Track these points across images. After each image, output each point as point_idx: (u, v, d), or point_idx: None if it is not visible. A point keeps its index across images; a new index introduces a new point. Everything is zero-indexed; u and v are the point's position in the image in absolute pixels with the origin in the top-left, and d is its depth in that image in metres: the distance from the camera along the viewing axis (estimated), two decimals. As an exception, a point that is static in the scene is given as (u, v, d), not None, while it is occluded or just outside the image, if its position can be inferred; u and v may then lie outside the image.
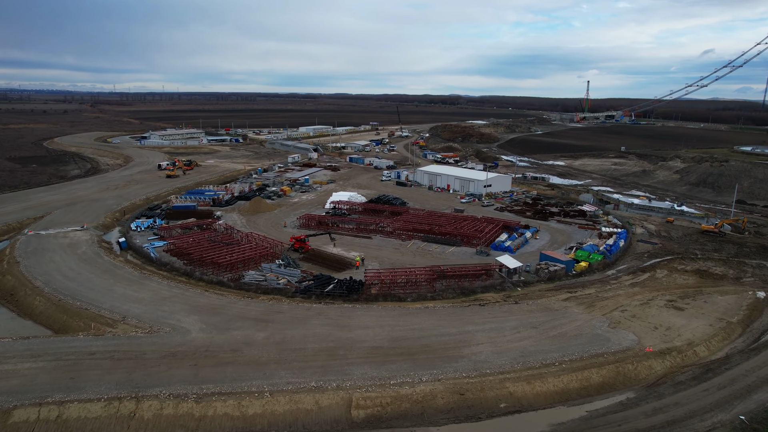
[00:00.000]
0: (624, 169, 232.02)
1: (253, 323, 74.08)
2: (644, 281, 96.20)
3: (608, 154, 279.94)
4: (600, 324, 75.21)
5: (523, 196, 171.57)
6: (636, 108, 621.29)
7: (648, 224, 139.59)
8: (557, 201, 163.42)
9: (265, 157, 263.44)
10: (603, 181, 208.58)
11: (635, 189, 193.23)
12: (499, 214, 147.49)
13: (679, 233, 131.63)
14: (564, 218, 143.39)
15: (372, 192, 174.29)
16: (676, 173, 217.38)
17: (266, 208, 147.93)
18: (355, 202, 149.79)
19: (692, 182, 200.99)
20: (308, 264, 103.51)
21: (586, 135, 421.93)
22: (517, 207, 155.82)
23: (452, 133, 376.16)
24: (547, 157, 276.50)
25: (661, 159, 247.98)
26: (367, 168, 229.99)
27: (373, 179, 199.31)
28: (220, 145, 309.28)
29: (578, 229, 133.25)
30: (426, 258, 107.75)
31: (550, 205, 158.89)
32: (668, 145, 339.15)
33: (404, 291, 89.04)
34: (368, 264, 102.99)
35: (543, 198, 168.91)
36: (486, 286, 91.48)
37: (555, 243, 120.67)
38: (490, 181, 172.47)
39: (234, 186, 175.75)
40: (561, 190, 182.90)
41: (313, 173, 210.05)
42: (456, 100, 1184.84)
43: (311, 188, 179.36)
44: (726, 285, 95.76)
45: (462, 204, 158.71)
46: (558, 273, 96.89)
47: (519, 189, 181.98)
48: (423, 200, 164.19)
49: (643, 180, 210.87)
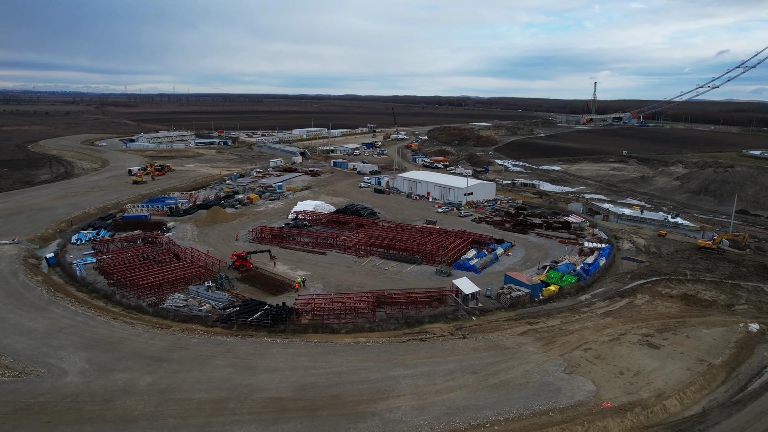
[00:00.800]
0: (622, 175, 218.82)
1: (146, 363, 63.38)
2: (620, 309, 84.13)
3: (608, 159, 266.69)
4: (554, 368, 63.48)
5: (507, 205, 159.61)
6: (644, 110, 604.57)
7: (638, 238, 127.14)
8: (542, 211, 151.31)
9: (249, 161, 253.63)
10: (597, 188, 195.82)
11: (630, 197, 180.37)
12: (475, 226, 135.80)
13: (671, 249, 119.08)
14: (545, 231, 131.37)
15: (345, 200, 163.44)
16: (677, 180, 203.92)
17: (224, 218, 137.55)
18: (320, 212, 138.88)
19: (693, 190, 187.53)
20: (245, 285, 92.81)
21: (590, 138, 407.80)
22: (497, 218, 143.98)
23: (449, 135, 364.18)
24: (543, 162, 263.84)
25: (663, 164, 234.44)
26: (350, 173, 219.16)
27: (352, 186, 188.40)
28: (206, 149, 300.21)
29: (558, 243, 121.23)
30: (379, 279, 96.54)
31: (534, 215, 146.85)
32: (674, 149, 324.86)
33: (339, 321, 77.92)
34: (311, 285, 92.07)
35: (528, 207, 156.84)
36: (435, 315, 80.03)
37: (529, 260, 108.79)
38: (471, 189, 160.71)
39: (198, 194, 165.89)
40: (549, 198, 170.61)
41: (290, 179, 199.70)
42: (463, 101, 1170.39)
43: (282, 196, 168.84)
44: (714, 314, 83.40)
45: (438, 214, 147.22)
46: (522, 299, 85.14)
47: (504, 197, 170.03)
48: (397, 209, 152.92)
49: (641, 187, 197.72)
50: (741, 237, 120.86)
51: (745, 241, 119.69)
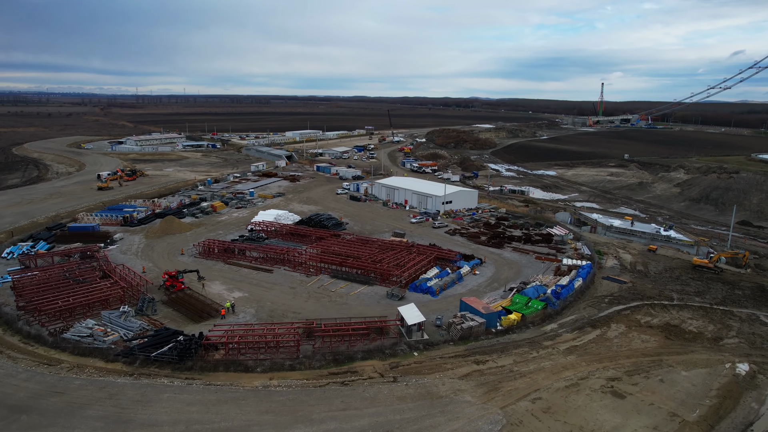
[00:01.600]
0: (619, 181, 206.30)
1: (2, 414, 53.31)
2: (588, 344, 72.78)
3: (608, 163, 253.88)
4: (489, 427, 52.50)
5: (489, 214, 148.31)
6: (653, 111, 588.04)
7: (625, 253, 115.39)
8: (525, 222, 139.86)
9: (232, 164, 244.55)
10: (591, 195, 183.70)
11: (625, 205, 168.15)
12: (447, 238, 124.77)
13: (660, 266, 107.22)
14: (523, 245, 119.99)
15: (317, 208, 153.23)
16: (677, 186, 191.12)
17: (178, 229, 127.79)
18: (280, 223, 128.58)
19: (693, 197, 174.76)
20: (169, 309, 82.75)
21: (594, 140, 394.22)
22: (474, 229, 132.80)
23: (446, 138, 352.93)
24: (539, 166, 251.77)
25: (665, 168, 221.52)
26: (332, 178, 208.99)
27: (329, 192, 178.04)
28: (192, 152, 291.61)
29: (535, 260, 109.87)
30: (321, 303, 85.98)
31: (515, 226, 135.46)
32: (680, 152, 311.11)
33: (256, 357, 67.50)
34: (242, 310, 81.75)
35: (511, 217, 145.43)
36: (370, 350, 69.28)
37: (497, 280, 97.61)
38: (450, 197, 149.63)
39: (161, 201, 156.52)
40: (536, 207, 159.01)
41: (266, 185, 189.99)
42: (471, 103, 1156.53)
43: (251, 203, 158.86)
44: (698, 350, 71.78)
45: (411, 224, 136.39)
46: (475, 330, 74.07)
47: (488, 205, 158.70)
48: (369, 219, 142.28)
49: (638, 194, 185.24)
50: (741, 255, 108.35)
51: (746, 260, 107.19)
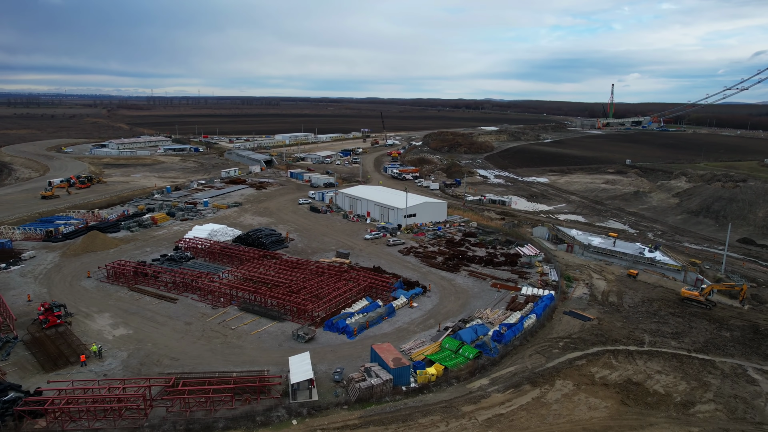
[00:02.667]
0: (614, 190, 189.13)
1: None
2: (517, 411, 57.45)
3: (607, 169, 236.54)
4: None
5: (457, 228, 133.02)
6: (666, 113, 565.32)
7: (599, 279, 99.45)
8: (494, 238, 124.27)
9: (206, 170, 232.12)
10: (580, 206, 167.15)
11: (615, 218, 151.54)
12: (399, 259, 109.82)
13: (637, 297, 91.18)
14: (483, 268, 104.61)
15: (268, 221, 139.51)
16: (675, 196, 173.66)
17: (102, 245, 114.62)
18: (211, 240, 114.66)
19: (692, 210, 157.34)
20: (27, 352, 69.07)
21: (599, 144, 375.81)
22: (432, 247, 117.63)
23: (442, 141, 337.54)
24: (533, 172, 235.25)
25: (667, 175, 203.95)
26: (304, 185, 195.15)
27: (290, 203, 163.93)
28: (172, 156, 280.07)
29: (490, 288, 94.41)
30: (213, 344, 71.74)
31: (480, 244, 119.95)
32: (689, 156, 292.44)
33: (90, 426, 53.40)
34: (112, 354, 67.83)
35: (480, 232, 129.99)
36: (237, 417, 54.80)
37: (435, 315, 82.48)
38: (414, 210, 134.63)
39: (102, 212, 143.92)
40: (513, 220, 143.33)
41: (228, 193, 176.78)
42: (481, 104, 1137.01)
43: (200, 215, 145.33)
44: (659, 423, 56.11)
45: (365, 240, 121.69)
46: (377, 390, 59.18)
47: (459, 218, 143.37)
48: (320, 234, 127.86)
49: (632, 205, 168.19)
50: (738, 288, 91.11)
51: (743, 294, 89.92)
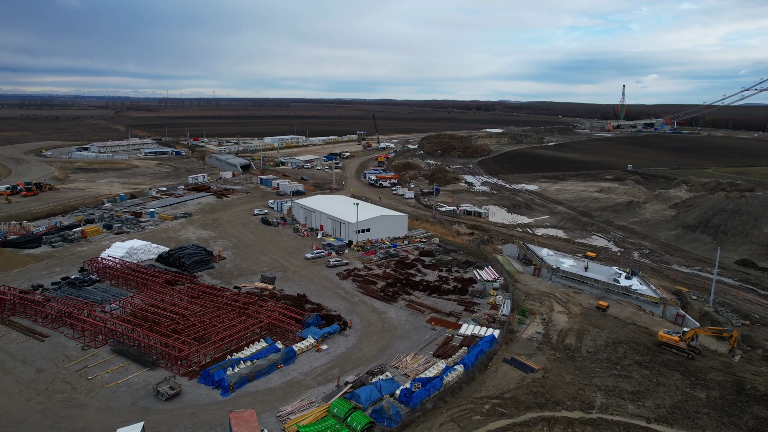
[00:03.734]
0: (607, 199, 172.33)
1: None
2: None
3: (605, 175, 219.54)
4: None
5: (415, 246, 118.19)
6: (680, 115, 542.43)
7: (561, 313, 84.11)
8: (453, 258, 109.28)
9: (178, 175, 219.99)
10: (564, 218, 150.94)
11: (601, 233, 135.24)
12: (335, 284, 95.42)
13: (600, 339, 75.69)
14: (427, 296, 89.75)
15: (210, 235, 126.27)
16: (672, 207, 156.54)
17: (7, 264, 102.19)
18: (125, 260, 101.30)
19: (689, 224, 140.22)
20: None
21: (604, 147, 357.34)
22: (378, 269, 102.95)
23: (435, 144, 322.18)
24: (524, 179, 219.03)
25: (668, 183, 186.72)
26: (270, 193, 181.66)
27: (246, 213, 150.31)
28: (151, 159, 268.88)
29: (425, 324, 79.53)
30: (53, 401, 58.31)
31: (434, 266, 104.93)
32: (699, 161, 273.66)
33: None
34: None
35: (440, 251, 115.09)
36: None
37: (343, 363, 67.89)
38: (368, 224, 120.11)
39: (31, 224, 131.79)
40: (483, 236, 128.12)
41: (184, 202, 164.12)
42: (493, 106, 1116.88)
43: (140, 227, 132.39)
44: None
45: (306, 260, 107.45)
46: (215, 482, 44.65)
47: (423, 232, 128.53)
48: (259, 252, 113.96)
49: (623, 217, 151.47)
50: (727, 335, 73.83)
51: (734, 341, 73.09)
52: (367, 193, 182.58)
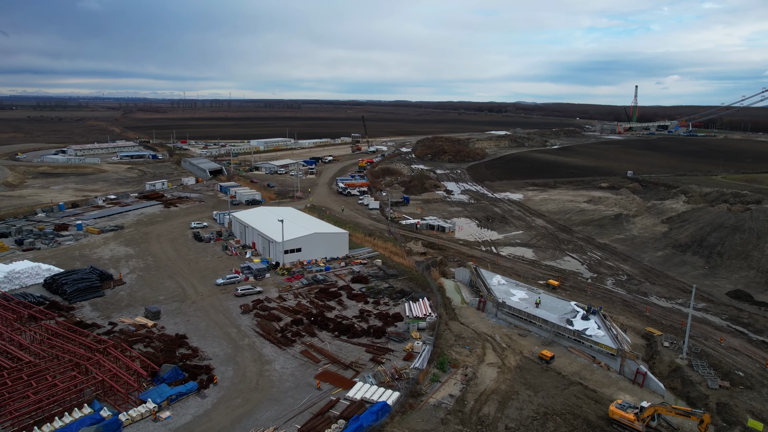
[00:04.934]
0: (594, 212, 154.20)
1: None
2: None
3: (600, 183, 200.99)
4: None
5: (351, 269, 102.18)
6: (696, 117, 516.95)
7: (491, 366, 67.50)
8: (388, 287, 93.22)
9: (138, 182, 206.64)
10: (539, 234, 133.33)
11: (576, 253, 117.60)
12: (232, 320, 79.84)
13: (530, 408, 58.91)
14: (333, 339, 73.68)
15: (127, 253, 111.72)
16: (665, 222, 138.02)
17: None
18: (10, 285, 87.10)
19: (680, 242, 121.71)
20: None
21: (609, 151, 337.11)
22: (292, 300, 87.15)
23: (427, 148, 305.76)
24: (510, 186, 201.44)
25: (666, 192, 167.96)
26: (225, 202, 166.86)
27: (183, 226, 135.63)
28: (121, 164, 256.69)
29: (312, 381, 63.35)
30: None
31: (360, 296, 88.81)
32: (709, 166, 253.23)
33: None
34: None
35: (378, 276, 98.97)
36: None
37: None
38: (298, 243, 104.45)
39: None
40: (436, 257, 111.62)
41: (130, 211, 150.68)
42: (505, 107, 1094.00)
43: (54, 242, 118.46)
44: None
45: (216, 287, 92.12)
46: None
47: (368, 251, 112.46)
48: (170, 274, 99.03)
49: (606, 233, 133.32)
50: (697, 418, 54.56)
51: (704, 428, 54.17)
52: (330, 203, 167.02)
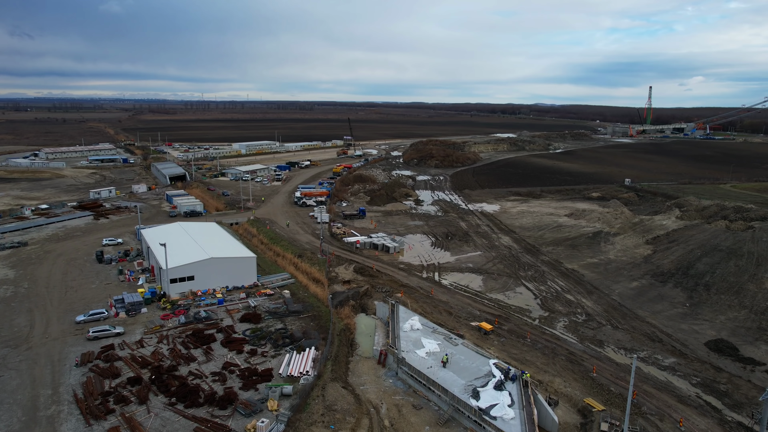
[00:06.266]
0: (572, 228, 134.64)
1: None
2: None
3: (592, 192, 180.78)
4: None
5: (252, 301, 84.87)
6: (714, 119, 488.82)
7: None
8: (280, 330, 75.70)
9: (90, 188, 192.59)
10: (499, 256, 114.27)
11: (533, 282, 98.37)
12: (58, 374, 63.02)
13: None
14: (167, 407, 56.25)
15: (5, 277, 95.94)
16: (650, 243, 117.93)
17: None
18: None
19: (663, 269, 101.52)
20: None
21: (615, 156, 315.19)
22: (149, 347, 70.02)
23: (416, 152, 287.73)
24: (490, 196, 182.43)
25: (662, 204, 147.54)
26: (167, 212, 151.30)
27: (94, 244, 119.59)
28: (86, 168, 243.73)
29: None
30: None
31: (238, 341, 71.29)
32: (720, 173, 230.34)
33: None
34: None
35: (281, 309, 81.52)
36: None
37: None
38: (190, 270, 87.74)
39: None
40: (361, 286, 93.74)
41: (54, 223, 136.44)
42: (519, 109, 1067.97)
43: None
44: None
45: (75, 325, 75.59)
46: None
47: (282, 277, 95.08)
48: (33, 305, 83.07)
49: (579, 255, 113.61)
50: None
51: None
52: (279, 215, 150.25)
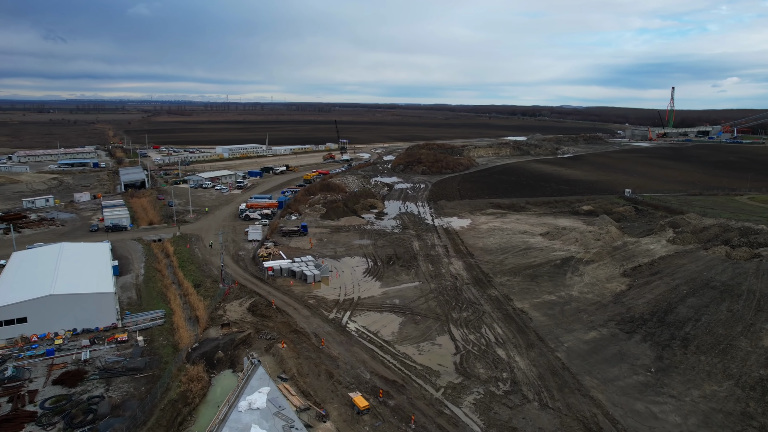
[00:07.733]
0: (541, 252, 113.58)
1: None
2: None
3: (583, 206, 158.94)
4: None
5: (83, 355, 67.17)
6: (742, 122, 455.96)
7: None
8: (101, 395, 57.34)
9: (39, 194, 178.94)
10: (439, 289, 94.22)
11: (462, 328, 78.48)
12: None
13: None
14: None
15: None
16: (630, 274, 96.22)
17: None
18: None
19: (634, 314, 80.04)
20: None
21: (626, 161, 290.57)
22: None
23: (406, 157, 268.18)
24: (465, 208, 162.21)
25: (659, 222, 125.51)
26: (95, 224, 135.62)
27: None
28: (51, 173, 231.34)
29: None
30: None
31: (21, 418, 53.35)
32: (740, 182, 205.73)
33: None
34: None
35: (116, 367, 63.56)
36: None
37: None
38: (24, 310, 70.54)
39: None
40: (241, 331, 75.26)
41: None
42: (539, 111, 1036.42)
43: None
44: None
45: None
46: None
47: (153, 316, 77.08)
48: None
49: (535, 290, 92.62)
50: None
51: None
52: (211, 231, 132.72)
